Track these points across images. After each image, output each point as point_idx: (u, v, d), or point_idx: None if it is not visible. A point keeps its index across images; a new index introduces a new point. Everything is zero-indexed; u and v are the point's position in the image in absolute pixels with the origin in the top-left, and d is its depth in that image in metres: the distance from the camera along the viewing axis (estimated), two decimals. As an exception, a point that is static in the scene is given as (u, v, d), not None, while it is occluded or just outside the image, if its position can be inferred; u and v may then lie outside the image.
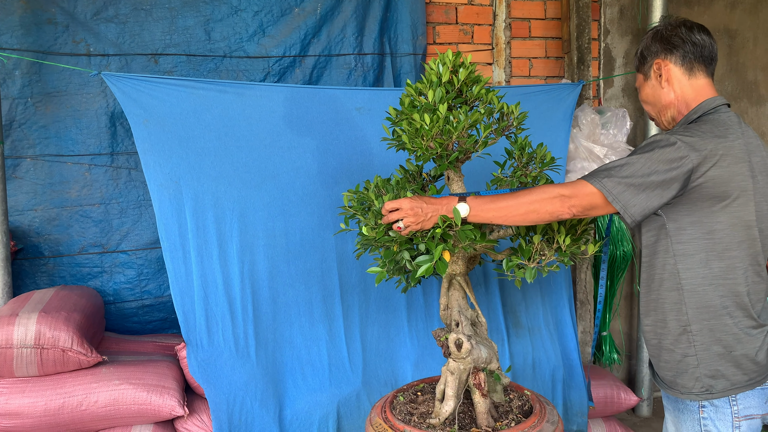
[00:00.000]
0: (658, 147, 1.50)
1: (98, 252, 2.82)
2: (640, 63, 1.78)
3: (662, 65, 1.70)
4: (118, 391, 2.23)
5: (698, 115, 1.63)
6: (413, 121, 1.71)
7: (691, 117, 1.65)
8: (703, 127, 1.55)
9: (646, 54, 1.74)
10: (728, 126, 1.56)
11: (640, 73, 1.80)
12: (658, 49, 1.71)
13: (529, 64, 3.47)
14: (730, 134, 1.54)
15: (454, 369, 1.77)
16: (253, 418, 2.42)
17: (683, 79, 1.69)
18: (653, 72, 1.72)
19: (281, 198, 2.61)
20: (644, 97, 1.80)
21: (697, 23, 1.72)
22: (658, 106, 1.75)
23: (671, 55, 1.69)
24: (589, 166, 3.00)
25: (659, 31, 1.72)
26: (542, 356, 2.92)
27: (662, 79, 1.71)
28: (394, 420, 1.82)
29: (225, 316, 2.48)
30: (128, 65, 2.81)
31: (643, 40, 1.77)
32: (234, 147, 2.55)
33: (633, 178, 1.50)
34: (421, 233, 1.66)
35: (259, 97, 2.60)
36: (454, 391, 1.78)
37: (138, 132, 2.44)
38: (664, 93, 1.72)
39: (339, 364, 2.63)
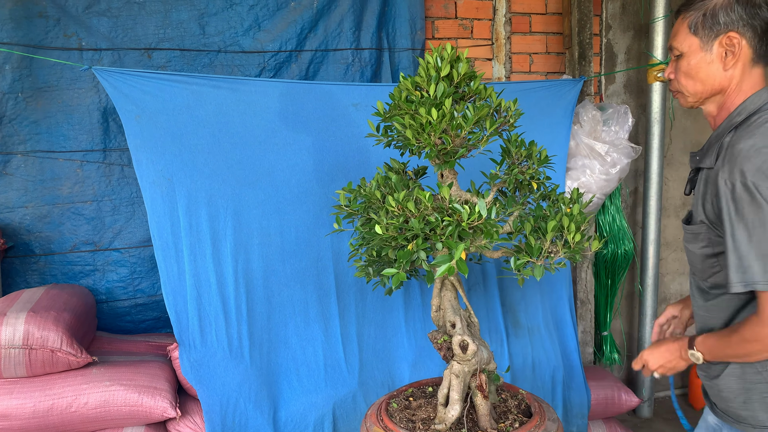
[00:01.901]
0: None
1: (90, 250, 2.77)
2: (701, 23, 1.41)
3: (737, 40, 1.38)
4: (109, 392, 2.18)
5: (743, 118, 1.39)
6: (418, 116, 1.66)
7: (734, 120, 1.40)
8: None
9: (720, 16, 1.38)
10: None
11: (694, 36, 1.42)
12: (738, 17, 1.37)
13: (530, 60, 3.42)
14: None
15: (459, 372, 1.72)
16: (246, 419, 2.38)
17: (747, 66, 1.40)
18: (720, 45, 1.39)
19: (276, 196, 2.56)
20: (688, 70, 1.45)
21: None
22: (705, 87, 1.44)
23: (750, 32, 1.37)
24: (590, 164, 2.95)
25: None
26: (542, 356, 2.87)
27: (730, 58, 1.39)
28: (396, 428, 1.76)
29: (218, 315, 2.44)
30: (121, 60, 2.75)
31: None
32: (228, 143, 2.50)
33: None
34: (438, 231, 1.59)
35: (254, 93, 2.55)
36: (460, 395, 1.73)
37: (130, 128, 2.39)
38: (723, 75, 1.41)
39: (335, 364, 2.59)
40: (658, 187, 3.32)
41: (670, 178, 3.76)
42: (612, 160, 2.94)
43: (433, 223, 1.58)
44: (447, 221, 1.58)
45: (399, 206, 1.61)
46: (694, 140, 3.76)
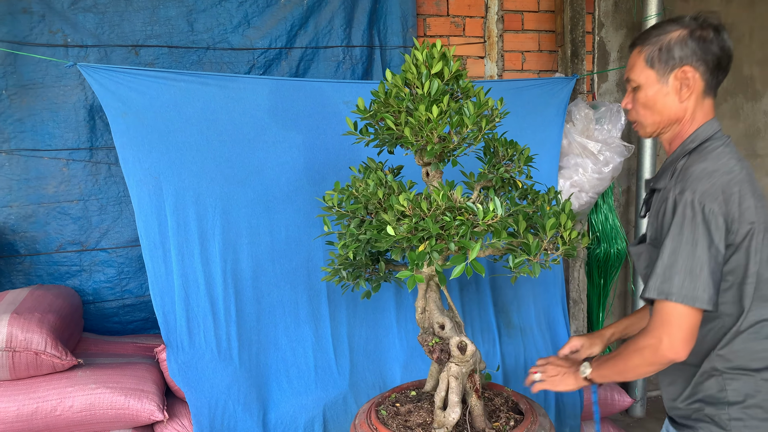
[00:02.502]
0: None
1: (77, 250, 2.73)
2: (657, 57, 1.46)
3: (691, 74, 1.43)
4: (95, 395, 2.14)
5: (696, 144, 1.45)
6: (417, 113, 1.62)
7: (688, 146, 1.46)
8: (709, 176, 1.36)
9: (675, 51, 1.43)
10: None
11: (651, 69, 1.48)
12: (692, 53, 1.42)
13: (522, 58, 3.40)
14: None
15: (458, 373, 1.69)
16: (236, 422, 2.34)
17: (700, 97, 1.46)
18: (676, 78, 1.45)
19: (266, 194, 2.52)
20: (645, 101, 1.50)
21: (723, 24, 1.48)
22: (663, 117, 1.50)
23: (703, 65, 1.43)
24: (583, 163, 2.93)
25: (695, 30, 1.43)
26: (534, 356, 2.85)
27: (685, 91, 1.45)
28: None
29: (207, 316, 2.40)
30: (107, 57, 2.70)
31: (669, 28, 1.46)
32: (216, 141, 2.46)
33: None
34: (452, 231, 1.56)
35: (243, 90, 2.51)
36: (460, 397, 1.71)
37: (116, 125, 2.35)
38: (678, 107, 1.47)
39: (325, 366, 2.55)
40: (651, 185, 3.30)
41: (663, 176, 3.75)
42: (605, 159, 2.92)
43: (448, 223, 1.54)
44: (460, 221, 1.54)
45: (410, 206, 1.56)
46: (686, 139, 3.75)
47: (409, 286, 1.60)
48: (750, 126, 3.89)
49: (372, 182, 1.74)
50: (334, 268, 1.85)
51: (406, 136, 1.68)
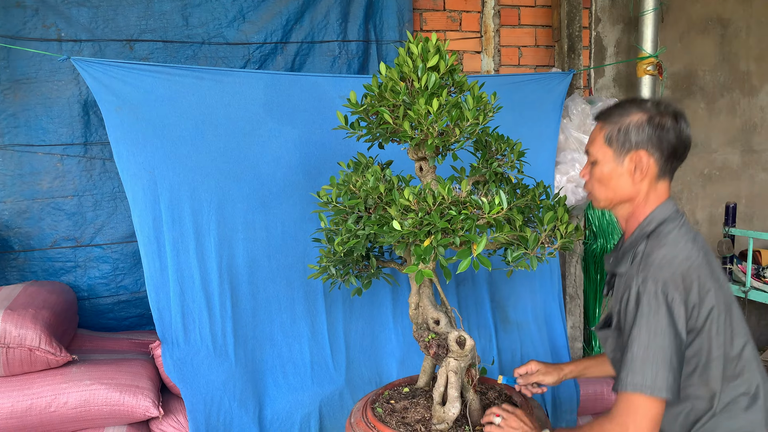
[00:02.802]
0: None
1: (71, 246, 2.71)
2: (615, 137, 1.49)
3: (645, 160, 1.47)
4: (89, 391, 2.13)
5: (653, 227, 1.47)
6: (417, 105, 1.61)
7: (645, 229, 1.49)
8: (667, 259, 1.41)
9: (632, 135, 1.47)
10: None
11: (608, 147, 1.51)
12: (647, 139, 1.46)
13: (519, 53, 3.38)
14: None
15: (457, 368, 1.68)
16: (231, 418, 2.33)
17: (653, 180, 1.50)
18: (631, 160, 1.48)
19: (261, 189, 2.51)
20: (600, 176, 1.53)
21: (683, 110, 1.52)
22: (616, 195, 1.53)
23: (658, 152, 1.47)
24: (580, 158, 2.93)
25: (654, 116, 1.47)
26: (531, 352, 2.85)
27: (638, 174, 1.48)
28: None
29: (202, 312, 2.38)
30: (102, 51, 2.69)
31: (630, 110, 1.49)
32: (212, 136, 2.45)
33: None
34: (457, 225, 1.55)
35: (238, 84, 2.49)
36: (459, 392, 1.70)
37: (110, 120, 2.33)
38: (631, 187, 1.50)
39: (321, 362, 2.55)
40: (648, 181, 3.29)
41: (660, 172, 3.74)
42: (601, 154, 2.91)
43: (455, 218, 1.53)
44: (465, 215, 1.53)
45: (416, 201, 1.55)
46: (683, 134, 3.75)
47: (416, 281, 1.58)
48: (746, 121, 3.88)
49: (371, 177, 1.73)
50: (322, 266, 1.83)
51: (404, 130, 1.66)
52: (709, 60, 3.74)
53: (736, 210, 3.42)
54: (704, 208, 3.88)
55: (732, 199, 3.81)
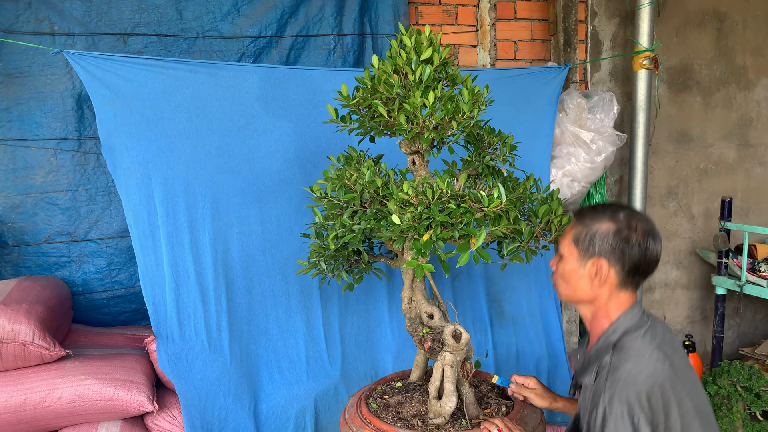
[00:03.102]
0: None
1: (66, 241, 2.70)
2: (582, 240, 1.52)
3: (605, 269, 1.50)
4: (84, 386, 2.12)
5: (618, 337, 1.48)
6: (410, 99, 1.60)
7: (610, 338, 1.50)
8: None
9: (596, 242, 1.50)
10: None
11: (575, 247, 1.54)
12: (610, 249, 1.49)
13: (515, 47, 3.38)
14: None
15: (452, 362, 1.68)
16: (226, 413, 2.33)
17: (614, 289, 1.52)
18: (593, 265, 1.51)
19: (256, 183, 2.50)
20: (563, 273, 1.57)
21: (656, 227, 1.53)
22: (576, 294, 1.56)
23: (619, 265, 1.49)
24: (576, 152, 2.92)
25: (622, 230, 1.48)
26: (526, 346, 2.85)
27: (597, 280, 1.51)
28: (392, 428, 1.70)
29: (197, 307, 2.38)
30: (95, 45, 2.67)
31: (602, 217, 1.51)
32: (206, 129, 2.44)
33: None
34: (457, 219, 1.54)
35: (233, 78, 2.48)
36: (455, 385, 1.70)
37: (102, 113, 2.32)
38: (590, 291, 1.53)
39: (317, 356, 2.54)
40: (644, 175, 3.29)
41: (656, 166, 3.74)
42: (597, 148, 2.91)
43: (454, 211, 1.52)
44: (464, 208, 1.52)
45: (415, 195, 1.54)
46: (678, 128, 3.75)
47: (417, 276, 1.57)
48: (743, 116, 3.88)
49: (367, 171, 1.71)
50: (311, 261, 1.81)
51: (399, 123, 1.65)
52: (705, 54, 3.74)
53: (731, 204, 3.42)
54: (700, 203, 3.88)
55: (728, 194, 3.81)
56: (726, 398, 2.74)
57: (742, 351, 3.83)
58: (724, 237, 3.39)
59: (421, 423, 1.73)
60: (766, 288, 3.20)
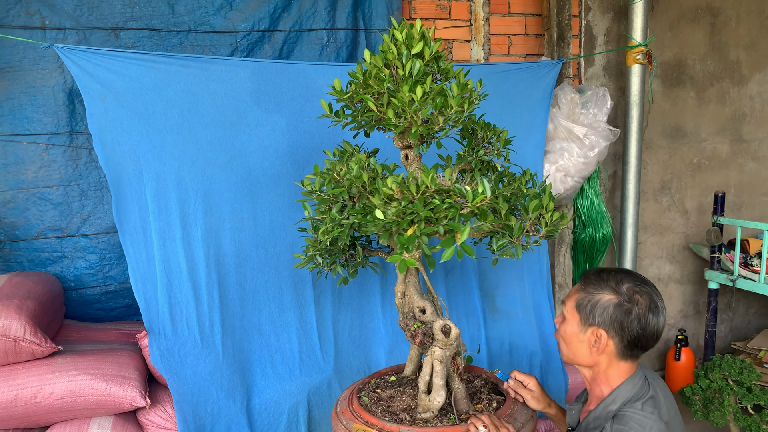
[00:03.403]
0: None
1: (58, 236, 2.69)
2: (583, 307, 1.53)
3: (604, 339, 1.51)
4: (75, 382, 2.12)
5: (617, 406, 1.49)
6: (399, 94, 1.59)
7: (610, 408, 1.50)
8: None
9: (597, 312, 1.51)
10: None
11: (577, 312, 1.55)
12: (610, 321, 1.49)
13: (509, 42, 3.37)
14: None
15: (442, 357, 1.68)
16: (219, 409, 2.33)
17: (613, 359, 1.53)
18: (591, 333, 1.52)
19: (249, 178, 2.49)
20: (564, 335, 1.59)
21: (660, 301, 1.51)
22: (575, 357, 1.58)
23: (618, 337, 1.50)
24: (569, 147, 2.92)
25: (623, 303, 1.49)
26: (519, 341, 2.85)
27: (595, 349, 1.52)
28: (380, 422, 1.70)
29: (189, 302, 2.37)
30: (86, 39, 2.65)
31: (605, 288, 1.51)
32: (198, 124, 2.43)
33: None
34: (441, 214, 1.53)
35: (225, 72, 2.47)
36: (444, 380, 1.70)
37: (93, 108, 2.30)
38: (589, 357, 1.55)
39: (310, 351, 2.54)
40: (637, 170, 3.30)
41: (649, 161, 3.75)
42: (590, 143, 2.91)
43: (437, 207, 1.51)
44: (449, 203, 1.52)
45: (399, 189, 1.54)
46: (672, 123, 3.75)
47: (400, 270, 1.58)
48: (736, 111, 3.89)
49: (355, 165, 1.71)
50: (308, 255, 1.81)
51: (388, 118, 1.65)
52: (698, 49, 3.74)
53: (724, 199, 3.43)
54: (693, 198, 3.89)
55: (721, 188, 3.82)
56: (717, 392, 2.75)
57: (735, 345, 3.84)
58: (716, 232, 3.40)
59: (409, 417, 1.73)
60: (758, 282, 3.21)
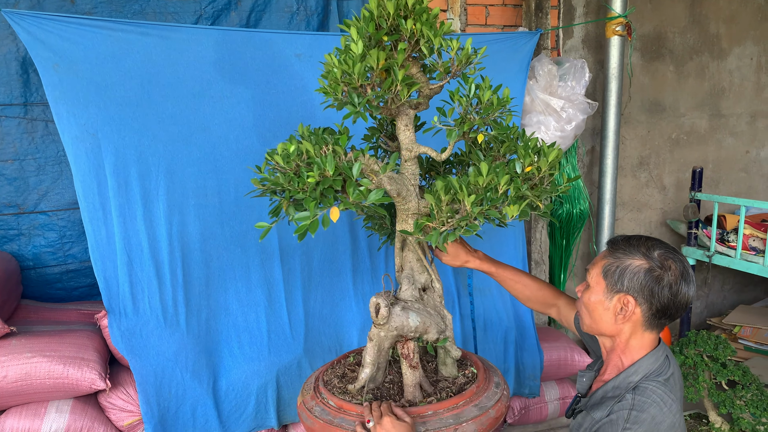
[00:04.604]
0: None
1: (13, 213, 2.57)
2: (611, 273, 1.44)
3: (632, 306, 1.42)
4: (30, 364, 2.03)
5: (638, 379, 1.42)
6: (335, 65, 1.45)
7: (631, 379, 1.44)
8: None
9: (626, 278, 1.42)
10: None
11: (603, 279, 1.46)
12: (639, 288, 1.41)
13: (486, 12, 3.27)
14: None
15: (374, 335, 1.61)
16: (184, 390, 2.26)
17: (638, 329, 1.45)
18: (618, 301, 1.43)
19: (213, 153, 2.39)
20: (587, 303, 1.51)
21: (692, 270, 1.42)
22: (597, 326, 1.50)
23: (647, 305, 1.41)
24: (546, 120, 2.85)
25: (654, 269, 1.40)
26: (494, 318, 2.81)
27: (621, 317, 1.44)
28: (320, 384, 1.69)
29: (151, 281, 2.29)
30: (40, 4, 2.51)
31: (636, 253, 1.42)
32: (159, 96, 2.32)
33: None
34: (301, 188, 1.40)
35: (187, 41, 2.35)
36: (372, 359, 1.63)
37: (48, 78, 2.18)
38: (612, 325, 1.47)
39: (279, 330, 2.48)
40: (615, 145, 3.25)
41: (627, 136, 3.70)
42: (567, 117, 2.84)
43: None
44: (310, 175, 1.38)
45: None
46: (651, 97, 3.70)
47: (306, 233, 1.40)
48: (715, 85, 3.84)
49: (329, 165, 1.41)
50: (265, 183, 1.50)
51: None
52: (678, 21, 3.67)
53: (702, 175, 3.40)
54: (671, 173, 3.86)
55: (699, 164, 3.79)
56: (692, 368, 2.74)
57: (710, 321, 3.85)
58: (694, 207, 3.37)
59: (338, 384, 1.69)
60: (734, 258, 3.20)
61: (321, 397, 1.64)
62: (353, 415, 1.54)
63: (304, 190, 1.41)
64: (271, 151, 1.48)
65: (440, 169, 1.83)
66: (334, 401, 1.60)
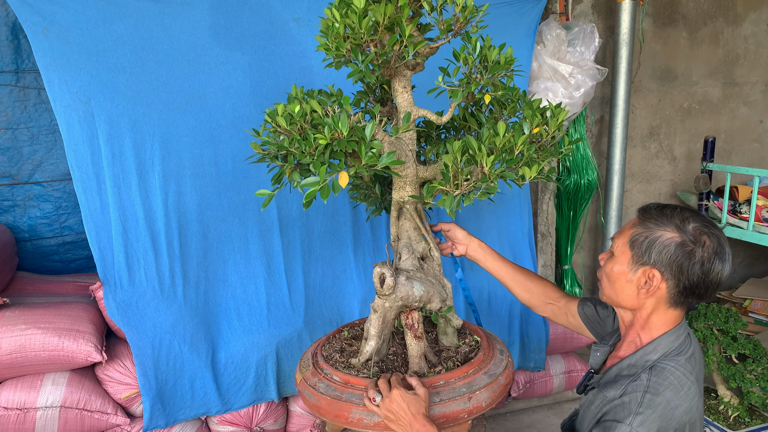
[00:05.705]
0: None
1: (8, 183, 2.52)
2: (639, 243, 1.36)
3: (657, 281, 1.34)
4: (25, 336, 2.00)
5: (656, 358, 1.35)
6: (337, 20, 1.38)
7: (649, 356, 1.36)
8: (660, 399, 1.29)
9: (654, 250, 1.33)
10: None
11: (629, 249, 1.38)
12: (668, 262, 1.32)
13: (492, -24, 3.15)
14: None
15: (378, 306, 1.56)
16: (182, 362, 2.23)
17: (662, 305, 1.37)
18: (643, 274, 1.35)
19: (209, 121, 2.32)
20: (610, 272, 1.43)
21: (728, 247, 1.33)
22: (618, 297, 1.43)
23: (674, 281, 1.33)
24: (553, 87, 2.76)
25: (686, 243, 1.31)
26: (498, 290, 2.76)
27: (644, 291, 1.36)
28: (319, 359, 1.65)
29: (147, 252, 2.24)
30: (30, -32, 2.43)
31: (669, 225, 1.33)
32: (153, 63, 2.24)
33: None
34: (309, 152, 1.34)
35: (181, 5, 2.27)
36: (377, 331, 1.58)
37: (37, 44, 2.11)
38: (634, 299, 1.39)
39: (279, 302, 2.43)
40: (625, 114, 3.15)
41: (638, 105, 3.59)
42: (576, 83, 2.75)
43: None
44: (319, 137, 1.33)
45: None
46: (662, 65, 3.58)
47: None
48: (729, 52, 3.72)
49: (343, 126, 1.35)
50: (265, 148, 1.47)
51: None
52: (693, -14, 3.54)
53: (714, 144, 3.30)
54: (683, 144, 3.76)
55: (711, 134, 3.69)
56: (702, 341, 2.68)
57: (720, 294, 3.79)
58: (705, 178, 3.28)
59: (340, 358, 1.66)
60: (746, 230, 3.12)
61: (324, 373, 1.60)
62: (362, 389, 1.50)
63: (311, 154, 1.34)
64: (272, 112, 1.41)
65: (433, 135, 1.76)
66: (339, 376, 1.56)
